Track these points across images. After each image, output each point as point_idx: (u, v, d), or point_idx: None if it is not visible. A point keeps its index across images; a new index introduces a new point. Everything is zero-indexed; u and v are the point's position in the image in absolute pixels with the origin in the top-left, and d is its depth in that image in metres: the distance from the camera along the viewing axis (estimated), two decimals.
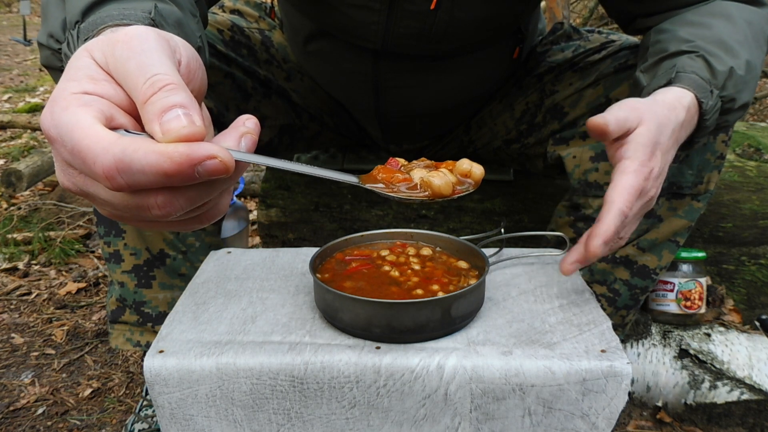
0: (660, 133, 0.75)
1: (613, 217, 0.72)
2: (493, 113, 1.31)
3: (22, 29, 5.68)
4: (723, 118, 0.86)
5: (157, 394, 0.71)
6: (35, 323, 1.67)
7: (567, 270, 0.76)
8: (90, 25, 0.57)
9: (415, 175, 0.66)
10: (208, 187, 0.45)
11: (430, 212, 1.48)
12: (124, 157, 0.41)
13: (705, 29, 0.88)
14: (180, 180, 0.42)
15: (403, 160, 0.69)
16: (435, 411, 0.70)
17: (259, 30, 1.27)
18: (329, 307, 0.76)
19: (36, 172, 2.32)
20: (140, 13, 0.58)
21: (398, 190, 0.64)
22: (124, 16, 0.56)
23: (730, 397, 1.22)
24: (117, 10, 0.57)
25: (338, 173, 0.55)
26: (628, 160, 0.74)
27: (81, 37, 0.57)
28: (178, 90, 0.43)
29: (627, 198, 0.72)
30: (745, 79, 0.85)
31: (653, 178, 0.75)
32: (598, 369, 0.68)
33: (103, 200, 0.45)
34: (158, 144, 0.41)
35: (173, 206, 0.44)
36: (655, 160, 0.75)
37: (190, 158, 0.41)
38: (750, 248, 1.46)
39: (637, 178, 0.73)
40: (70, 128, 0.42)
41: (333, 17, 1.05)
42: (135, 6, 0.58)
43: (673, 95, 0.80)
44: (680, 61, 0.84)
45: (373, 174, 0.65)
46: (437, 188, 0.64)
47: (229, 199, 0.51)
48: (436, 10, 0.98)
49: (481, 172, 0.70)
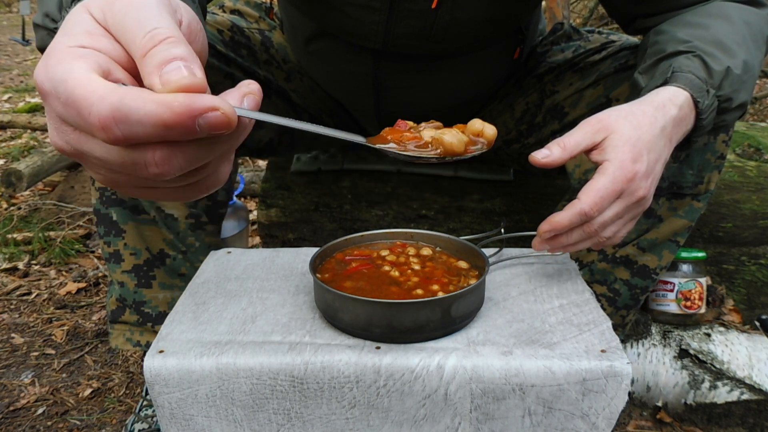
0: (639, 133, 0.76)
1: (571, 214, 0.74)
2: (493, 113, 1.31)
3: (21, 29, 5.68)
4: (720, 117, 0.86)
5: (157, 394, 0.71)
6: (35, 323, 1.67)
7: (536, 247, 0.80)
8: None
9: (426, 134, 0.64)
10: (208, 144, 0.42)
11: (430, 212, 1.48)
12: (121, 106, 0.38)
13: (703, 30, 0.88)
14: (180, 132, 0.39)
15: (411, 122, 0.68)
16: (435, 411, 0.70)
17: (259, 30, 1.27)
18: (329, 307, 0.76)
19: (36, 172, 2.32)
20: None
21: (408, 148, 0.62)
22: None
23: (730, 397, 1.22)
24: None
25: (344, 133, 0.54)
26: (607, 162, 0.75)
27: None
28: (179, 43, 0.41)
29: (592, 200, 0.73)
30: (742, 79, 0.85)
31: (640, 179, 0.75)
32: (598, 369, 0.68)
33: (98, 159, 0.42)
34: (158, 94, 0.39)
35: (171, 164, 0.41)
36: (641, 161, 0.75)
37: (190, 108, 0.38)
38: (750, 248, 1.46)
39: (612, 181, 0.74)
40: (65, 79, 0.40)
41: (333, 17, 1.05)
42: None
43: (666, 94, 0.81)
44: (677, 61, 0.85)
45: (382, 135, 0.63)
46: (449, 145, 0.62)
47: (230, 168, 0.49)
48: (437, 9, 0.98)
49: (494, 132, 0.67)
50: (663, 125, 0.78)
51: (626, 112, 0.78)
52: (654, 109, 0.79)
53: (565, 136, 0.77)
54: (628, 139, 0.75)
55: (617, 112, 0.78)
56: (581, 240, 0.78)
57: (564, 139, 0.76)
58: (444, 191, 1.48)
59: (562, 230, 0.76)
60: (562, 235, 0.78)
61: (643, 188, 0.76)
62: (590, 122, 0.77)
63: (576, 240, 0.78)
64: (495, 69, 1.22)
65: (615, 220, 0.77)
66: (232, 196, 1.55)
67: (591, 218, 0.75)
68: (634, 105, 0.80)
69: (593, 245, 0.79)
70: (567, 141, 0.76)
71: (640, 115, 0.78)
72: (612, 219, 0.77)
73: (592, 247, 0.80)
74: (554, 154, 0.75)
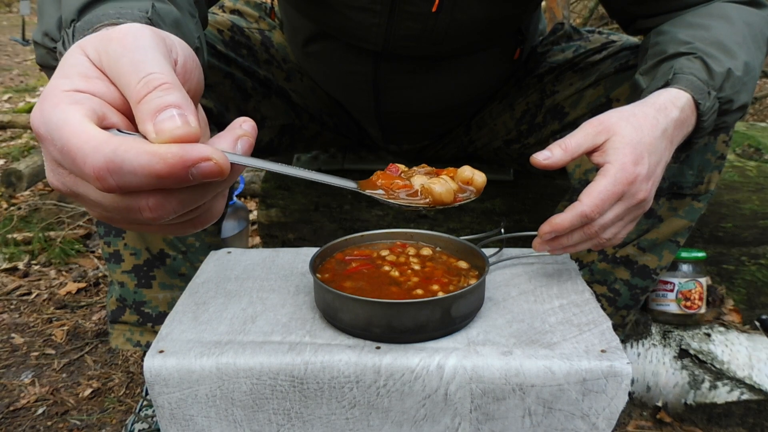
0: (640, 135, 0.76)
1: (572, 215, 0.75)
2: (493, 113, 1.31)
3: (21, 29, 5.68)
4: (721, 119, 0.86)
5: (157, 394, 0.71)
6: (35, 323, 1.67)
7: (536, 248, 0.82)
8: (85, 23, 0.56)
9: (416, 181, 0.65)
10: (202, 189, 0.44)
11: (430, 212, 1.48)
12: (115, 158, 0.39)
13: (703, 31, 0.88)
14: (173, 182, 0.40)
15: (402, 165, 0.69)
16: (435, 411, 0.70)
17: (259, 30, 1.27)
18: (329, 307, 0.76)
19: (36, 172, 2.32)
20: (137, 12, 0.57)
21: (398, 196, 0.64)
22: (121, 15, 0.55)
23: (730, 397, 1.22)
24: (114, 9, 0.56)
25: (337, 179, 0.55)
26: (609, 164, 0.75)
27: (76, 36, 0.56)
28: (173, 89, 0.42)
29: (594, 202, 0.74)
30: (743, 81, 0.85)
31: (641, 181, 0.75)
32: (598, 369, 0.68)
33: (93, 201, 0.44)
34: (151, 144, 0.40)
35: (165, 209, 0.42)
36: (642, 163, 0.75)
37: (183, 160, 0.39)
38: (750, 248, 1.46)
39: (614, 182, 0.74)
40: (60, 126, 0.41)
41: (333, 19, 1.05)
42: (132, 5, 0.57)
43: (667, 96, 0.81)
44: (678, 63, 0.85)
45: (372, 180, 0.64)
46: (438, 195, 0.64)
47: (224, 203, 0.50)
48: (437, 12, 0.98)
49: (483, 180, 0.70)
50: (664, 127, 0.78)
51: (628, 113, 0.78)
52: (656, 111, 0.79)
53: (566, 138, 0.77)
54: (629, 141, 0.75)
55: (619, 113, 0.78)
56: (582, 241, 0.78)
57: (565, 141, 0.76)
58: None
59: (563, 232, 0.77)
60: (563, 237, 0.78)
61: (644, 190, 0.76)
62: (592, 124, 0.77)
63: (576, 241, 0.78)
64: (495, 70, 1.22)
65: (615, 221, 0.78)
66: (232, 196, 1.55)
67: (592, 220, 0.75)
68: (636, 107, 0.80)
69: (593, 246, 0.80)
70: (568, 143, 0.76)
71: (641, 117, 0.78)
72: (612, 221, 0.77)
73: (591, 248, 0.80)
74: (555, 156, 0.76)
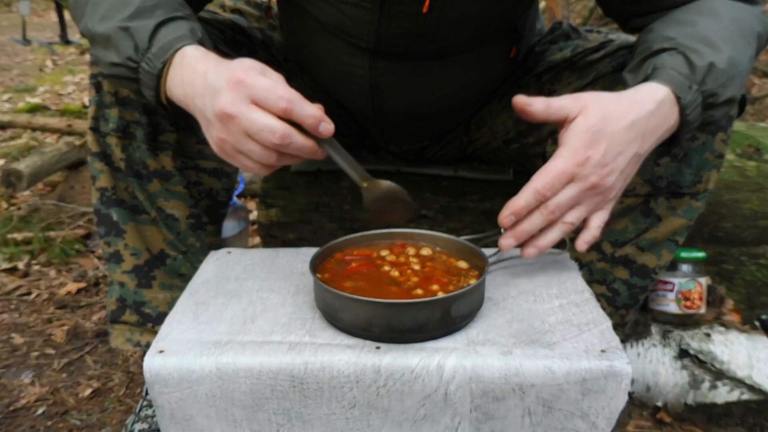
0: (606, 123, 0.79)
1: (525, 193, 0.79)
2: (492, 113, 1.31)
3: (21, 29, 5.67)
4: (708, 113, 0.87)
5: (157, 394, 0.71)
6: (35, 323, 1.67)
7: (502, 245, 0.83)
8: (161, 51, 0.82)
9: None
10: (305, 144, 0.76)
11: (430, 212, 1.48)
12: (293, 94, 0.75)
13: (689, 27, 0.89)
14: (309, 125, 0.75)
15: None
16: (435, 411, 0.70)
17: (260, 30, 1.27)
18: (329, 307, 0.76)
19: (36, 172, 2.31)
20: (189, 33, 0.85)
21: None
22: (181, 39, 0.83)
23: (730, 397, 1.23)
24: (172, 35, 0.83)
25: None
26: (562, 147, 0.80)
27: (155, 59, 0.82)
28: None
29: (543, 179, 0.78)
30: (728, 74, 0.86)
31: (593, 165, 0.78)
32: (598, 369, 0.68)
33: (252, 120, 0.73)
34: None
35: (287, 139, 0.74)
36: (596, 148, 0.78)
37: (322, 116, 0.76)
38: (750, 248, 1.46)
39: (564, 162, 0.78)
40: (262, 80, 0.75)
41: (329, 14, 1.05)
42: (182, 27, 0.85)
43: (645, 90, 0.83)
44: (660, 59, 0.87)
45: None
46: None
47: None
48: (428, 12, 0.99)
49: None
50: (634, 119, 0.80)
51: (603, 102, 0.81)
52: (630, 102, 0.81)
53: (551, 98, 0.81)
54: (588, 127, 0.79)
55: (594, 98, 0.82)
56: (543, 224, 0.81)
57: (550, 100, 0.81)
58: (444, 191, 1.48)
59: (520, 212, 0.79)
60: (524, 221, 0.81)
61: (598, 174, 0.79)
62: (572, 96, 0.82)
63: (537, 224, 0.81)
64: (492, 69, 1.22)
65: (573, 204, 0.80)
66: (232, 196, 1.55)
67: (545, 198, 0.78)
68: (612, 97, 0.82)
69: (561, 232, 0.82)
70: (552, 102, 0.81)
71: (613, 107, 0.80)
72: (568, 202, 0.80)
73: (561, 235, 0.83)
74: (536, 106, 0.81)
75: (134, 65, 0.85)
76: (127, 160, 1.04)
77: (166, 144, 1.05)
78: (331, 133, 0.76)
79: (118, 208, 1.07)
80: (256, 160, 0.76)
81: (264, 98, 0.73)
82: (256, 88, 0.73)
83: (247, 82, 0.74)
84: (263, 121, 0.73)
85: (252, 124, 0.73)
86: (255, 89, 0.73)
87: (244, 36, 1.21)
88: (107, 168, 1.05)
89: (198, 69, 0.80)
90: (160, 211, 1.09)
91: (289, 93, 0.73)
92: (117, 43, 0.86)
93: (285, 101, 0.73)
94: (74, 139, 2.55)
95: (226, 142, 0.76)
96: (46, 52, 5.67)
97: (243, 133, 0.74)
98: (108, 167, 1.05)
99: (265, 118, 0.73)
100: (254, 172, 0.79)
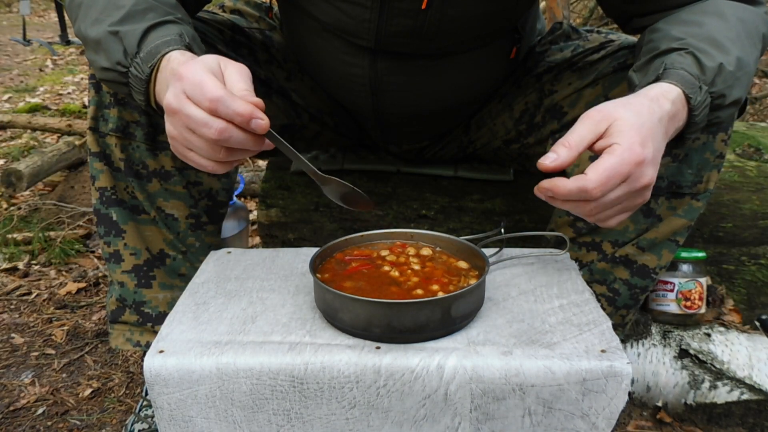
0: (641, 119, 0.75)
1: (574, 187, 0.72)
2: (492, 113, 1.31)
3: (21, 29, 5.68)
4: (714, 114, 0.87)
5: (157, 395, 0.71)
6: (35, 323, 1.67)
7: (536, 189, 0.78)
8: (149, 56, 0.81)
9: None
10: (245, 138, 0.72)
11: (430, 212, 1.48)
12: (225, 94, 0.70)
13: (697, 27, 0.89)
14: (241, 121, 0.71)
15: None
16: (435, 411, 0.70)
17: (260, 30, 1.27)
18: (329, 307, 0.76)
19: (36, 172, 2.32)
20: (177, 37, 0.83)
21: None
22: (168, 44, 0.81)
23: (730, 397, 1.22)
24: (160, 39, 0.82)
25: None
26: (616, 144, 0.73)
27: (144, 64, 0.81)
28: None
29: (599, 178, 0.72)
30: (736, 76, 0.85)
31: (647, 164, 0.74)
32: (598, 369, 0.68)
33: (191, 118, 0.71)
34: None
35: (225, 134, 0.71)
36: (648, 147, 0.74)
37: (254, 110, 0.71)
38: (750, 248, 1.46)
39: (621, 161, 0.72)
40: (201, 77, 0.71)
41: (329, 12, 1.05)
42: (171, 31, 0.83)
43: (658, 90, 0.81)
44: (669, 58, 0.85)
45: None
46: None
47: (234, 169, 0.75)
48: (427, 9, 0.99)
49: None
50: (660, 116, 0.78)
51: (624, 102, 0.78)
52: (649, 101, 0.79)
53: (567, 135, 0.76)
54: (633, 123, 0.74)
55: (615, 103, 0.78)
56: (574, 210, 0.77)
57: (567, 138, 0.75)
58: (444, 191, 1.48)
59: (558, 197, 0.75)
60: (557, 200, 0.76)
61: (649, 175, 0.75)
62: (590, 114, 0.77)
63: (569, 208, 0.77)
64: (492, 69, 1.22)
65: (614, 204, 0.76)
66: (232, 196, 1.55)
67: (592, 198, 0.73)
68: (631, 97, 0.80)
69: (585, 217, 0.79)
70: (571, 139, 0.75)
71: (637, 105, 0.78)
72: (612, 203, 0.75)
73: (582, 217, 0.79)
74: (562, 156, 0.74)
75: (124, 70, 0.84)
76: (127, 160, 1.04)
77: (166, 144, 1.05)
78: (265, 130, 0.72)
79: (118, 208, 1.07)
80: (205, 156, 0.74)
81: (192, 94, 0.71)
82: (186, 82, 0.71)
83: (183, 76, 0.72)
84: (199, 115, 0.70)
85: (189, 119, 0.71)
86: (186, 84, 0.71)
87: (244, 36, 1.21)
88: (107, 168, 1.05)
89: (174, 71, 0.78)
90: (160, 211, 1.09)
91: (216, 90, 0.69)
92: (107, 48, 0.85)
93: (208, 100, 0.69)
94: (74, 139, 2.55)
95: (176, 138, 0.74)
96: (46, 52, 5.68)
97: (186, 129, 0.72)
98: (108, 167, 1.05)
99: (198, 113, 0.70)
100: (209, 170, 0.75)
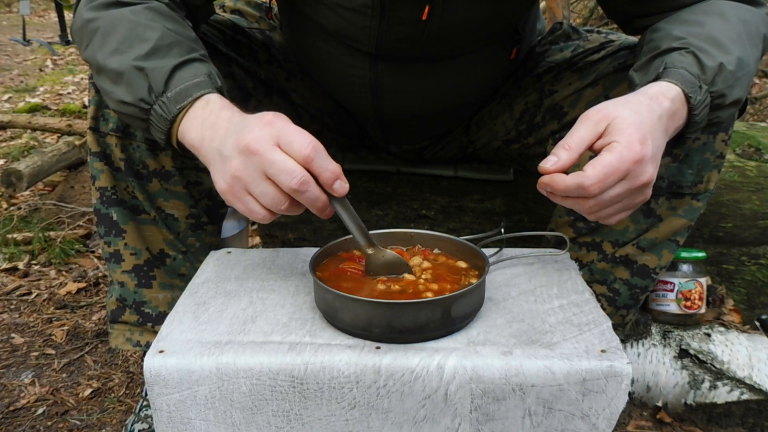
0: (640, 117, 0.76)
1: (572, 183, 0.73)
2: (492, 113, 1.31)
3: (21, 29, 5.68)
4: (714, 114, 0.87)
5: (156, 396, 0.71)
6: (35, 323, 1.67)
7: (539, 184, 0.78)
8: (177, 95, 0.80)
9: None
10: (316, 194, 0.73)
11: (430, 212, 1.48)
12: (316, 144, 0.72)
13: (698, 27, 0.89)
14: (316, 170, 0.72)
15: None
16: (435, 411, 0.70)
17: (260, 30, 1.27)
18: (329, 307, 0.76)
19: (36, 172, 2.31)
20: (208, 80, 0.82)
21: None
22: (199, 87, 0.81)
23: (730, 397, 1.22)
24: (190, 80, 0.81)
25: None
26: (615, 142, 0.74)
27: (171, 104, 0.80)
28: None
29: (598, 176, 0.72)
30: (736, 75, 0.85)
31: (646, 162, 0.74)
32: (598, 369, 0.68)
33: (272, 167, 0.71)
34: None
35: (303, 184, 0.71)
36: (647, 144, 0.74)
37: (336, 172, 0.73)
38: (750, 248, 1.46)
39: (620, 158, 0.73)
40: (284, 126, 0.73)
41: (329, 18, 1.05)
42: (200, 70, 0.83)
43: (658, 88, 0.81)
44: (670, 58, 0.85)
45: None
46: None
47: None
48: (428, 19, 0.99)
49: None
50: (660, 114, 0.78)
51: (623, 101, 0.78)
52: (649, 99, 0.79)
53: (567, 137, 0.76)
54: (632, 122, 0.74)
55: (614, 101, 0.79)
56: (574, 206, 0.78)
57: (567, 140, 0.76)
58: (444, 191, 1.48)
59: (557, 192, 0.76)
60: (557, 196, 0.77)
61: (648, 174, 0.75)
62: (589, 115, 0.77)
63: (570, 205, 0.78)
64: (492, 70, 1.22)
65: (614, 202, 0.76)
66: None
67: (590, 195, 0.74)
68: (630, 96, 0.80)
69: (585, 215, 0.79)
70: (571, 141, 0.75)
71: (636, 103, 0.78)
72: (612, 200, 0.76)
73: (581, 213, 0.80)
74: (562, 159, 0.75)
75: (146, 107, 0.82)
76: (127, 160, 1.04)
77: None
78: (346, 192, 0.74)
79: (118, 208, 1.07)
80: (265, 204, 0.73)
81: (290, 141, 0.71)
82: (285, 130, 0.72)
83: (277, 124, 0.72)
84: (285, 162, 0.71)
85: (272, 164, 0.71)
86: (283, 131, 0.72)
87: (244, 36, 1.21)
88: (107, 168, 1.05)
89: (223, 115, 0.78)
90: (160, 210, 1.09)
91: (316, 142, 0.72)
92: (130, 82, 0.83)
93: (310, 148, 0.71)
94: (74, 139, 2.55)
95: (240, 179, 0.73)
96: (46, 52, 5.68)
97: (261, 172, 0.72)
98: (108, 167, 1.05)
99: (287, 160, 0.71)
100: (255, 218, 0.75)
